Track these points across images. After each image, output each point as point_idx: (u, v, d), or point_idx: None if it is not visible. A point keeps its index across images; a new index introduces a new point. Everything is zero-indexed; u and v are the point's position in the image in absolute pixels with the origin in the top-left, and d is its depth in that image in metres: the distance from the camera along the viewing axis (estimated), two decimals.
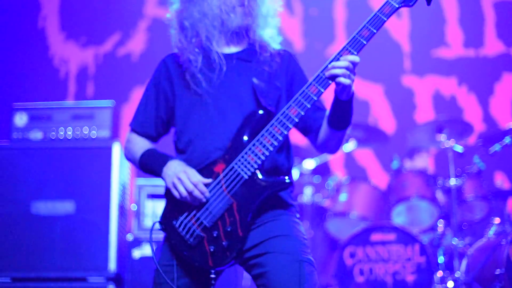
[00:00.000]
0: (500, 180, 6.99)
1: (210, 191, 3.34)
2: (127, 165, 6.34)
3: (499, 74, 9.27)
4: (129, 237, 6.26)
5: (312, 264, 3.33)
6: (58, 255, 5.84)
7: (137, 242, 6.25)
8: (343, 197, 7.32)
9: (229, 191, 3.32)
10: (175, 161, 3.44)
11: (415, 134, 7.32)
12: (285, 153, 3.57)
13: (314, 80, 3.29)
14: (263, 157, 3.30)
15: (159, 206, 6.35)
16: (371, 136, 7.69)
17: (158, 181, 6.16)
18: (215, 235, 3.30)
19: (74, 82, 9.36)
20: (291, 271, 3.26)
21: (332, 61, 3.25)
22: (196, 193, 3.30)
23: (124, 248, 6.21)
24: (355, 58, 3.21)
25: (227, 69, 3.56)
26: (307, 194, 7.61)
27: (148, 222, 6.35)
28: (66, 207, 5.93)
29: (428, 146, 7.67)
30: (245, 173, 3.30)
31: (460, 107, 9.15)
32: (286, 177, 3.37)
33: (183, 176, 3.31)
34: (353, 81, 3.24)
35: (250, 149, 3.32)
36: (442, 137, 6.89)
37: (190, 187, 3.30)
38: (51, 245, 5.85)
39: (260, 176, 3.31)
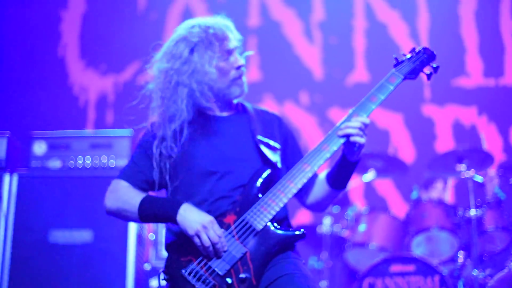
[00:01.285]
0: None
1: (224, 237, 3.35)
2: None
3: None
4: (147, 267, 6.23)
5: None
6: (75, 284, 5.82)
7: (154, 272, 6.23)
8: (362, 227, 7.27)
9: (242, 241, 3.33)
10: (191, 206, 3.39)
11: (435, 164, 7.29)
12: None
13: (326, 139, 3.43)
14: (277, 208, 3.36)
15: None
16: (391, 166, 7.65)
17: None
18: (229, 282, 3.28)
19: (93, 110, 9.40)
20: None
21: (343, 122, 3.43)
22: (219, 245, 3.29)
23: (142, 278, 6.18)
24: (365, 119, 3.40)
25: (224, 130, 3.63)
26: (326, 224, 7.57)
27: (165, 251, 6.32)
28: (84, 236, 5.92)
29: (447, 176, 7.62)
30: (258, 224, 3.34)
31: (480, 137, 9.09)
32: (302, 230, 3.44)
33: (209, 225, 3.29)
34: (363, 141, 3.39)
35: (262, 201, 3.37)
36: (462, 167, 6.85)
37: (216, 239, 3.28)
38: (69, 274, 5.84)
39: (272, 227, 3.37)
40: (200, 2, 9.53)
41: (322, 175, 3.67)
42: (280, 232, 3.38)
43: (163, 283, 3.40)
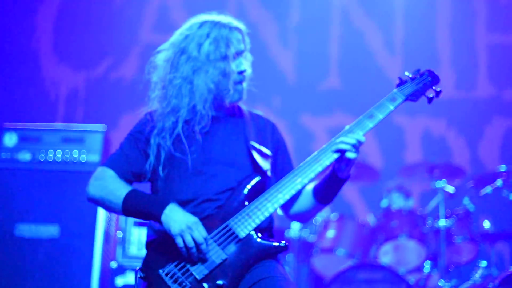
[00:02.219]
0: (488, 223, 6.95)
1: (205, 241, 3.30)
2: None
3: (490, 117, 9.27)
4: (113, 265, 6.18)
5: None
6: (40, 279, 5.76)
7: (121, 270, 6.16)
8: (330, 233, 7.27)
9: (223, 247, 3.30)
10: (177, 206, 3.34)
11: (405, 174, 7.33)
12: None
13: (319, 152, 3.41)
14: (262, 218, 3.35)
15: (145, 234, 6.27)
16: (359, 172, 7.65)
17: None
18: (205, 287, 3.24)
19: (64, 105, 9.31)
20: None
21: (338, 137, 3.39)
22: (203, 247, 3.25)
23: (108, 275, 6.13)
24: (361, 137, 3.35)
25: (218, 131, 3.60)
26: (294, 229, 7.56)
27: (133, 249, 6.26)
28: (50, 230, 5.86)
29: (417, 186, 7.66)
30: (241, 231, 3.31)
31: (449, 148, 9.14)
32: (283, 242, 3.41)
33: (194, 226, 3.25)
34: (356, 158, 3.37)
35: (248, 209, 3.35)
36: (432, 177, 6.89)
37: (200, 240, 3.24)
38: (34, 269, 5.78)
39: (256, 237, 3.35)
40: (177, 0, 9.49)
41: (309, 187, 3.64)
42: (262, 242, 3.35)
43: (139, 281, 3.36)
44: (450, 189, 6.88)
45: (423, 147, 9.17)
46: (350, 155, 3.32)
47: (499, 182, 6.79)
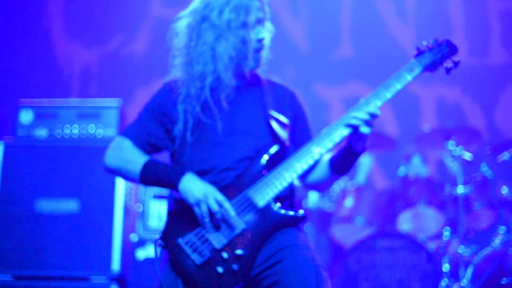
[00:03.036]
0: (507, 189, 6.93)
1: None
2: None
3: (504, 84, 9.23)
4: (134, 238, 6.20)
5: (325, 272, 3.30)
6: (61, 254, 5.80)
7: (141, 243, 6.18)
8: (348, 202, 7.27)
9: (242, 216, 3.30)
10: (194, 175, 3.36)
11: (422, 140, 7.30)
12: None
13: (337, 122, 3.40)
14: (280, 187, 3.35)
15: (165, 206, 6.29)
16: (376, 141, 7.63)
17: None
18: (225, 257, 3.25)
19: (77, 82, 9.32)
20: (309, 274, 3.21)
21: (353, 111, 3.40)
22: (219, 216, 3.25)
23: (128, 249, 6.15)
24: (375, 110, 3.35)
25: (238, 100, 3.56)
26: (312, 199, 7.56)
27: (153, 222, 6.28)
28: (70, 205, 5.88)
29: (434, 153, 7.64)
30: (260, 201, 3.32)
31: (465, 116, 9.11)
32: (301, 211, 3.41)
33: (211, 195, 3.25)
34: (370, 133, 3.36)
35: (267, 179, 3.36)
36: (450, 144, 6.86)
37: (216, 208, 3.24)
38: (54, 243, 5.81)
39: (274, 207, 3.35)
40: None
41: (326, 157, 3.62)
42: (280, 212, 3.35)
43: (159, 249, 3.36)
44: (468, 155, 6.85)
45: (438, 114, 9.14)
46: (364, 129, 3.31)
47: None
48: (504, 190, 6.86)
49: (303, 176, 3.69)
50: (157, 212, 6.29)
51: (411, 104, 9.14)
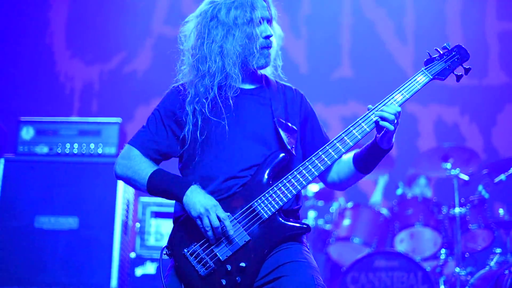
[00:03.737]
0: (503, 210, 6.97)
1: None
2: None
3: (502, 105, 9.29)
4: (132, 255, 6.23)
5: None
6: (60, 270, 5.83)
7: (139, 260, 6.21)
8: (346, 222, 7.30)
9: (246, 228, 3.33)
10: (198, 188, 3.37)
11: (419, 161, 7.35)
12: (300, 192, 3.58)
13: (361, 119, 3.38)
14: (285, 199, 3.34)
15: (163, 224, 6.33)
16: None
17: (163, 200, 6.14)
18: (228, 269, 3.28)
19: (79, 99, 9.36)
20: None
21: (375, 109, 3.37)
22: (219, 230, 3.28)
23: (126, 266, 6.18)
24: (399, 108, 3.33)
25: (246, 104, 3.55)
26: (310, 218, 7.59)
27: (151, 240, 6.31)
28: (69, 222, 5.92)
29: (431, 173, 7.67)
30: (265, 213, 3.33)
31: (463, 136, 9.16)
32: (306, 224, 3.40)
33: (212, 209, 3.28)
34: (395, 129, 3.32)
35: (272, 190, 3.36)
36: (447, 165, 6.90)
37: (217, 223, 3.27)
38: (54, 259, 5.85)
39: (279, 218, 3.36)
40: None
41: (348, 156, 3.59)
42: (285, 223, 3.36)
43: (165, 257, 3.41)
44: (464, 176, 6.89)
45: (436, 135, 9.19)
46: (387, 124, 3.27)
47: None
48: (501, 211, 6.89)
49: (324, 175, 3.67)
50: (156, 230, 6.32)
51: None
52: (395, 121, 3.29)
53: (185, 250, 3.34)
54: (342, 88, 9.33)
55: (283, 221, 3.36)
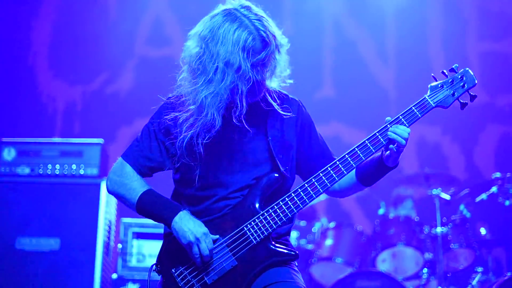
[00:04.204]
0: (484, 230, 7.00)
1: (215, 248, 3.32)
2: (114, 203, 6.31)
3: (483, 124, 9.34)
4: (114, 276, 6.21)
5: None
6: None
7: (121, 281, 6.19)
8: (328, 242, 7.31)
9: (235, 253, 3.32)
10: (188, 214, 3.36)
11: (401, 182, 7.39)
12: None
13: (368, 139, 3.36)
14: (275, 226, 3.33)
15: (145, 245, 6.31)
16: None
17: (145, 221, 6.14)
18: None
19: (61, 119, 9.34)
20: None
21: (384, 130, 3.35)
22: (209, 259, 3.29)
23: (108, 287, 6.16)
24: (409, 129, 3.34)
25: (240, 123, 3.40)
26: (292, 238, 7.59)
27: (133, 261, 6.29)
28: (51, 243, 5.89)
29: (413, 195, 7.70)
30: (255, 238, 3.32)
31: (444, 156, 9.20)
32: (295, 251, 3.40)
33: (202, 238, 3.27)
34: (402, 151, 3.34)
35: (263, 215, 3.33)
36: (429, 185, 6.95)
37: (206, 252, 3.28)
38: (35, 281, 5.83)
39: (269, 243, 3.34)
40: (171, 14, 9.53)
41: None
42: (274, 249, 3.35)
43: (153, 273, 3.43)
44: (446, 196, 6.93)
45: (418, 154, 9.22)
46: (393, 146, 3.30)
47: (494, 189, 6.86)
48: (483, 230, 6.92)
49: None
50: (137, 251, 6.30)
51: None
52: (405, 143, 3.31)
53: (173, 270, 3.36)
54: (324, 108, 9.34)
55: (272, 246, 3.35)
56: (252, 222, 3.33)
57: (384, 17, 9.75)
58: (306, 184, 3.35)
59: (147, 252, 6.28)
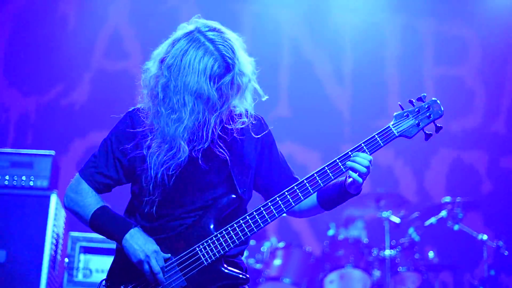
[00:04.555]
0: (433, 253, 7.07)
1: (166, 267, 3.30)
2: (63, 215, 6.26)
3: (436, 149, 9.43)
4: None
5: None
6: None
7: None
8: (277, 261, 7.31)
9: (185, 273, 3.30)
10: (139, 232, 3.33)
11: (352, 203, 7.42)
12: None
13: (328, 166, 3.35)
14: (227, 248, 3.29)
15: (92, 260, 6.26)
16: None
17: (93, 235, 6.10)
18: None
19: (13, 130, 9.25)
20: None
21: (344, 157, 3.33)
22: (160, 276, 3.26)
23: None
24: (370, 157, 3.32)
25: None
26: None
27: (79, 276, 6.23)
28: None
29: (364, 216, 7.74)
30: (206, 259, 3.29)
31: (396, 179, 9.27)
32: (246, 275, 3.36)
33: (153, 256, 3.26)
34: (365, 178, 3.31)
35: (217, 236, 3.30)
36: (379, 207, 6.99)
37: (157, 269, 3.26)
38: None
39: (220, 265, 3.31)
40: (130, 28, 9.50)
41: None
42: (225, 271, 3.31)
43: None
44: (396, 219, 6.98)
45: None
46: (356, 176, 3.29)
47: (443, 213, 6.93)
48: (431, 254, 6.98)
49: None
50: (84, 266, 6.25)
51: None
52: (367, 172, 3.30)
53: (122, 287, 3.34)
54: (278, 128, 9.31)
55: (223, 269, 3.31)
56: (205, 243, 3.30)
57: (342, 39, 9.83)
58: (262, 208, 3.32)
59: (94, 267, 6.23)
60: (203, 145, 3.29)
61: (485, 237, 7.37)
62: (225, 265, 3.32)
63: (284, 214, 3.47)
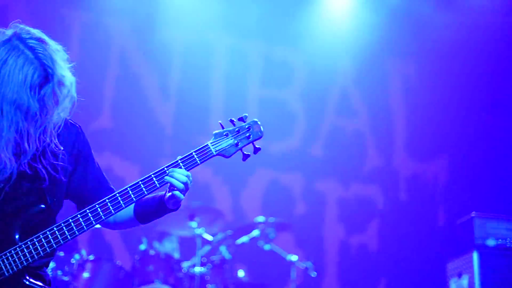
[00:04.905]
0: (243, 272, 7.15)
1: None
2: None
3: (253, 168, 9.56)
4: None
5: None
6: None
7: None
8: (86, 274, 7.17)
9: None
10: None
11: (166, 218, 7.39)
12: None
13: (142, 180, 3.26)
14: (31, 260, 3.15)
15: None
16: None
17: None
18: None
19: None
20: None
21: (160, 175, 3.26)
22: None
23: None
24: (187, 172, 3.27)
25: None
26: (49, 268, 7.36)
27: None
28: None
29: (177, 231, 7.72)
30: (8, 270, 3.14)
31: (213, 196, 9.32)
32: (50, 286, 3.25)
33: None
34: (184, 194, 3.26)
35: (21, 246, 3.16)
36: (193, 224, 7.01)
37: None
38: None
39: (22, 277, 3.16)
40: None
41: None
42: (27, 283, 3.16)
43: None
44: (208, 236, 7.02)
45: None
46: (178, 194, 3.24)
47: (256, 232, 7.03)
48: (241, 273, 7.06)
49: None
50: None
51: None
52: (185, 188, 3.24)
53: None
54: (99, 138, 9.22)
55: (25, 281, 3.16)
56: (8, 253, 3.14)
57: (171, 54, 9.82)
58: (71, 220, 3.20)
59: None
60: (27, 158, 3.15)
61: (294, 257, 7.55)
62: (27, 277, 3.18)
63: (98, 226, 3.40)
